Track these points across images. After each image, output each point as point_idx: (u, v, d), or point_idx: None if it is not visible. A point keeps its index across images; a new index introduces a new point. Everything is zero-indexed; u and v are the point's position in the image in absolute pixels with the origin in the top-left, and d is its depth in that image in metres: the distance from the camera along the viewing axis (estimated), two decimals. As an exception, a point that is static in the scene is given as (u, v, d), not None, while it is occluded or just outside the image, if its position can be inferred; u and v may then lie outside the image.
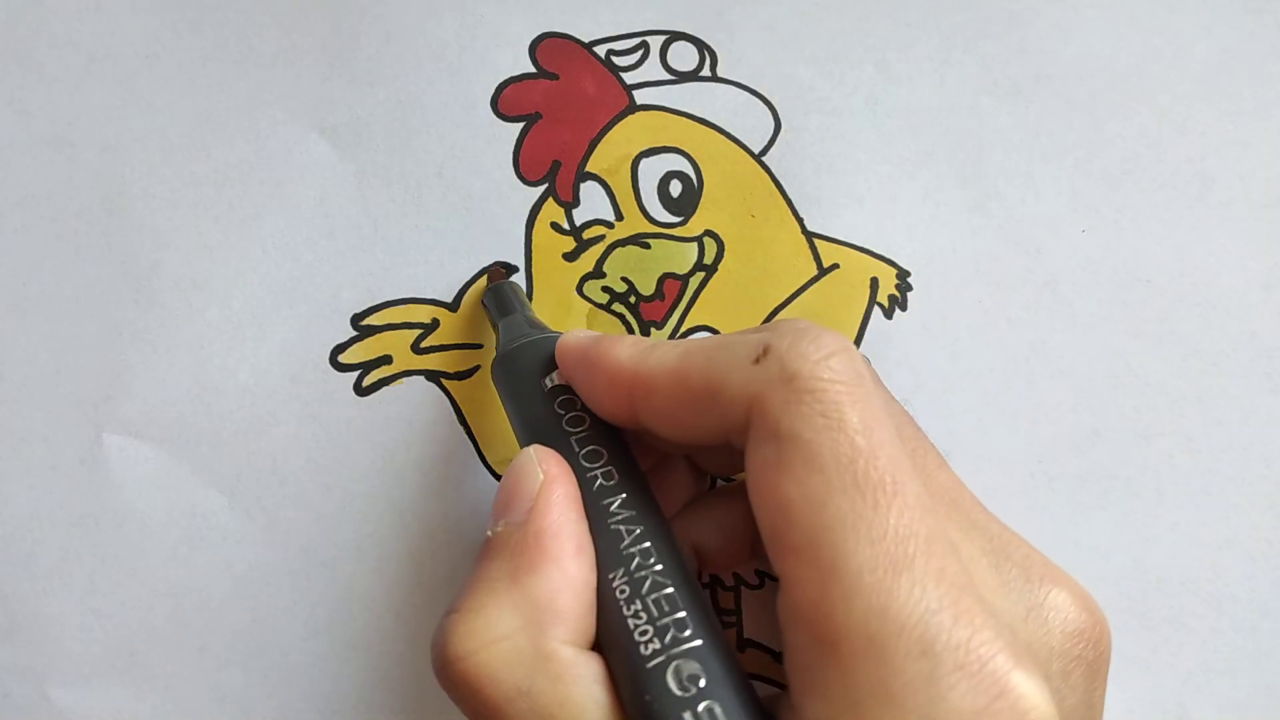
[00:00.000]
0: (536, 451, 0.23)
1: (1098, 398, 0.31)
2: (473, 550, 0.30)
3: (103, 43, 0.30)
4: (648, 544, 0.22)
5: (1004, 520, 0.31)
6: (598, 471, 0.23)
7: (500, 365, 0.26)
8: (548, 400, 0.25)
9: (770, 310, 0.31)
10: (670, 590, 0.21)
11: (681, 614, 0.20)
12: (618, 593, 0.21)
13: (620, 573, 0.21)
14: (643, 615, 0.21)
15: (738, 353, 0.21)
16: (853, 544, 0.18)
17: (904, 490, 0.19)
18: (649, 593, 0.21)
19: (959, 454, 0.31)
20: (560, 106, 0.31)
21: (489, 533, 0.22)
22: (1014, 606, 0.21)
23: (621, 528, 0.22)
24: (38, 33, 0.30)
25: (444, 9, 0.30)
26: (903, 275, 0.31)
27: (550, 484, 0.22)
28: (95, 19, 0.30)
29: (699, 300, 0.31)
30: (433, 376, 0.30)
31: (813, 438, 0.19)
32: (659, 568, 0.21)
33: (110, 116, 0.30)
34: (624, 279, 0.30)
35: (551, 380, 0.25)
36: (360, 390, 0.30)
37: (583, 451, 0.23)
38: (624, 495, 0.23)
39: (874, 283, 0.31)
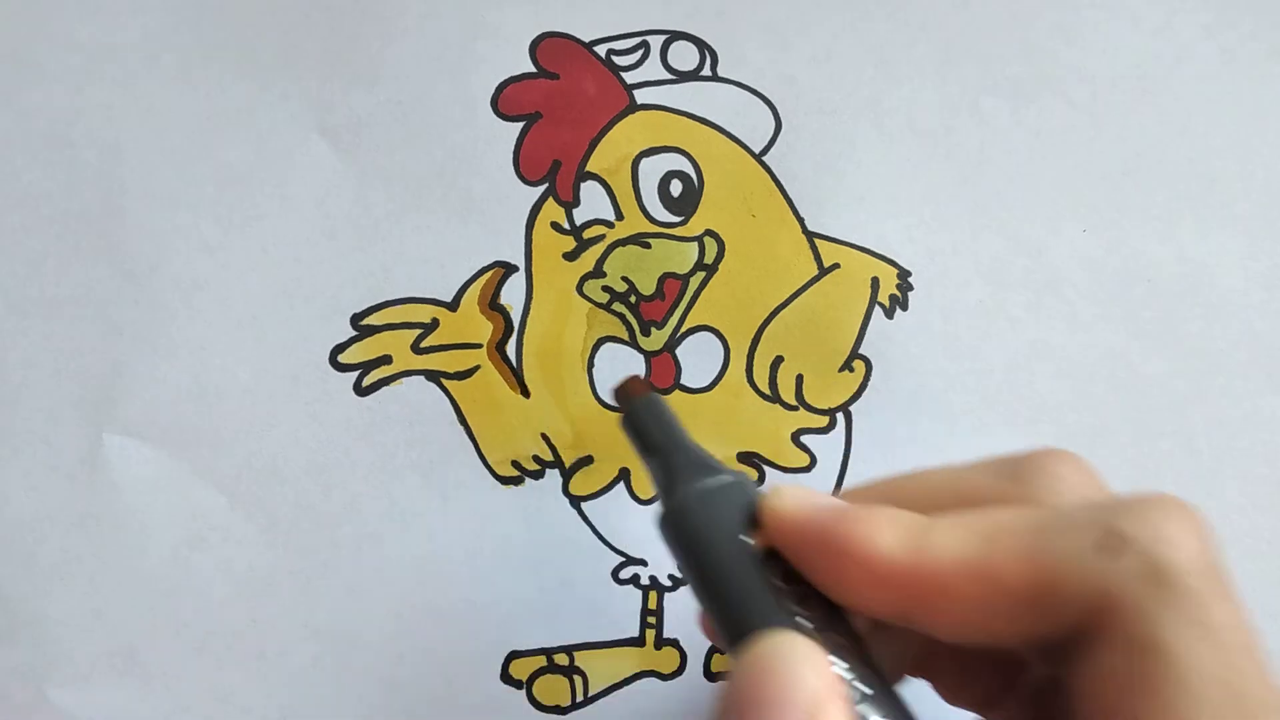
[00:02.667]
0: (804, 651, 0.18)
1: (1098, 398, 0.31)
2: (473, 550, 0.30)
3: (103, 43, 0.30)
4: None
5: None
6: (848, 676, 0.18)
7: (680, 518, 0.21)
8: (762, 571, 0.19)
9: (771, 310, 0.31)
10: None
11: None
12: None
13: None
14: None
15: (1073, 539, 0.18)
16: None
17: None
18: None
19: (959, 454, 0.30)
20: (560, 106, 0.31)
21: None
22: None
23: None
24: (38, 33, 0.30)
25: (444, 9, 0.30)
26: (904, 275, 0.31)
27: (829, 704, 0.17)
28: (95, 19, 0.30)
29: (699, 300, 0.31)
30: (433, 376, 0.30)
31: (1186, 652, 0.16)
32: None
33: (110, 116, 0.30)
34: (624, 278, 0.30)
35: (757, 539, 0.20)
36: (360, 390, 0.30)
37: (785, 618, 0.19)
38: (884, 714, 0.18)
39: (875, 282, 0.31)
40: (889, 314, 0.31)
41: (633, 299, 0.30)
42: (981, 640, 0.19)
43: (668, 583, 0.31)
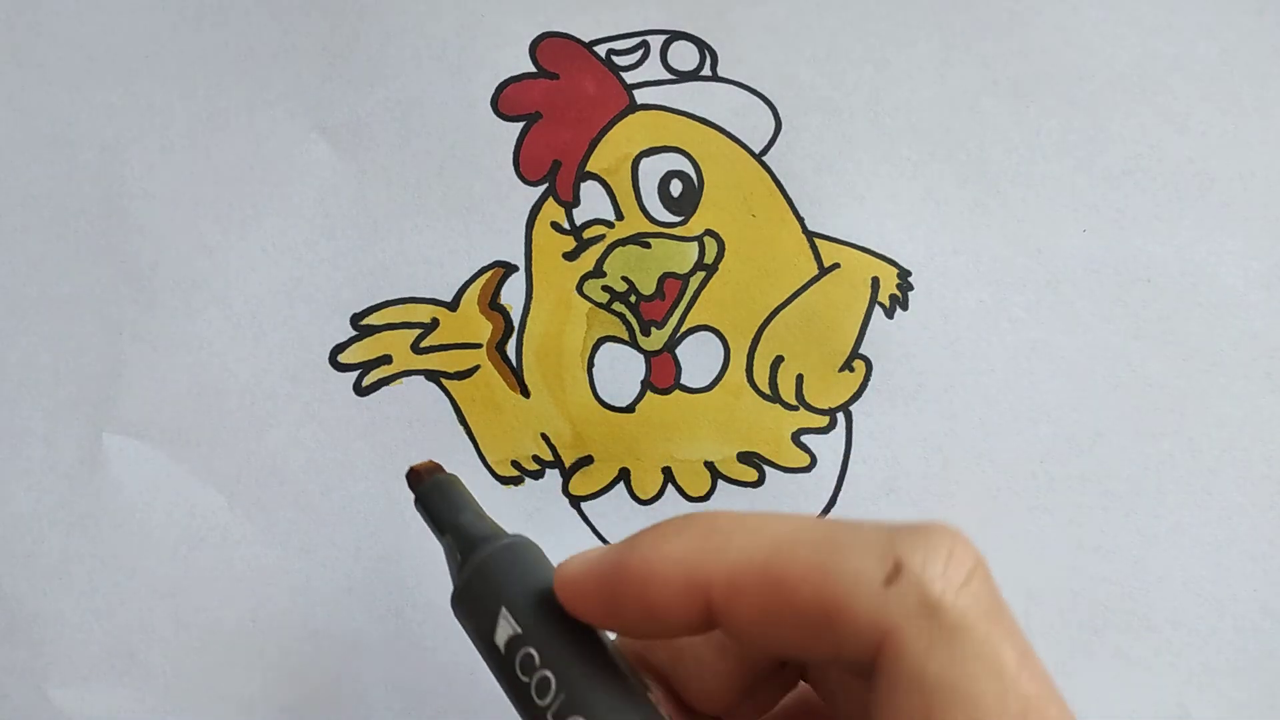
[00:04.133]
0: None
1: (1099, 398, 0.31)
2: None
3: (103, 43, 0.30)
4: None
5: (1004, 522, 0.31)
6: None
7: (456, 609, 0.22)
8: (507, 663, 0.20)
9: (771, 309, 0.31)
10: None
11: None
12: None
13: None
14: None
15: (858, 565, 0.17)
16: None
17: None
18: None
19: (960, 455, 0.31)
20: (560, 106, 0.31)
21: None
22: None
23: None
24: (38, 33, 0.30)
25: (444, 9, 0.30)
26: (904, 275, 0.31)
27: None
28: (95, 19, 0.30)
29: (699, 300, 0.31)
30: (432, 376, 0.30)
31: (968, 688, 0.17)
32: None
33: (110, 116, 0.30)
34: (624, 278, 0.30)
35: (503, 632, 0.20)
36: (360, 390, 0.30)
37: None
38: None
39: (875, 282, 0.31)
40: (889, 314, 0.31)
41: (633, 299, 0.30)
42: (778, 653, 0.19)
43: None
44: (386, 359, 0.30)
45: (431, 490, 0.23)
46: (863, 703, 0.19)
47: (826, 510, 0.30)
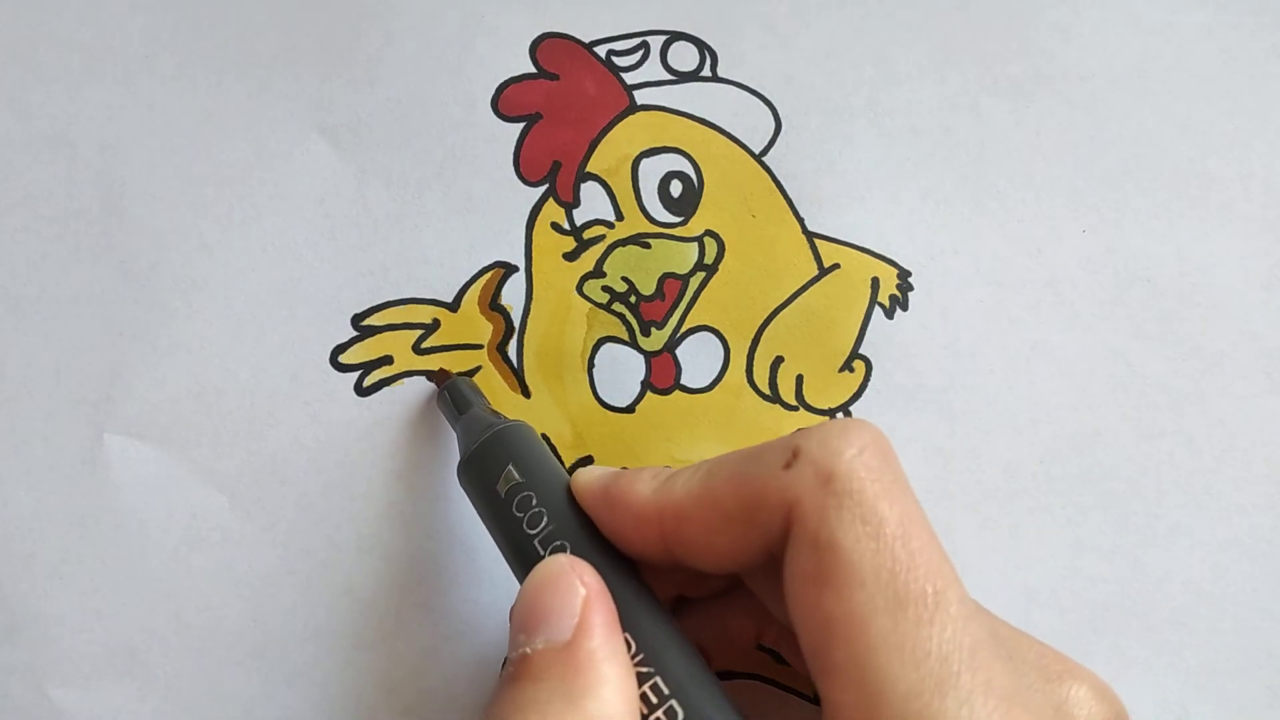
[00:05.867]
0: (572, 563, 0.22)
1: (1099, 398, 0.31)
2: (473, 550, 0.30)
3: (103, 43, 0.30)
4: (667, 655, 0.21)
5: (1004, 522, 0.31)
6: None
7: (462, 473, 0.26)
8: (504, 504, 0.24)
9: (771, 310, 0.31)
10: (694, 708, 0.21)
11: None
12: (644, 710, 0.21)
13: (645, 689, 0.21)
14: None
15: (766, 460, 0.21)
16: (897, 667, 0.18)
17: (945, 600, 0.19)
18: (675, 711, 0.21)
19: (960, 454, 0.31)
20: (561, 107, 0.31)
21: (525, 650, 0.21)
22: (1041, 709, 0.21)
23: (632, 641, 0.21)
24: (38, 33, 0.30)
25: (444, 9, 0.30)
26: (904, 275, 0.31)
27: (594, 600, 0.21)
28: (95, 19, 0.30)
29: (699, 300, 0.31)
30: (433, 377, 0.30)
31: (852, 547, 0.19)
32: (677, 681, 0.21)
33: (110, 116, 0.30)
34: (624, 279, 0.30)
35: (506, 482, 0.24)
36: (361, 391, 0.30)
37: (547, 552, 0.23)
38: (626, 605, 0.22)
39: (875, 282, 0.31)
40: (889, 314, 0.31)
41: (633, 299, 0.30)
42: (732, 564, 0.22)
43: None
44: (388, 359, 0.30)
45: (453, 385, 0.29)
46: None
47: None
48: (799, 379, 0.31)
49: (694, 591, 0.27)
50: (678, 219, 0.31)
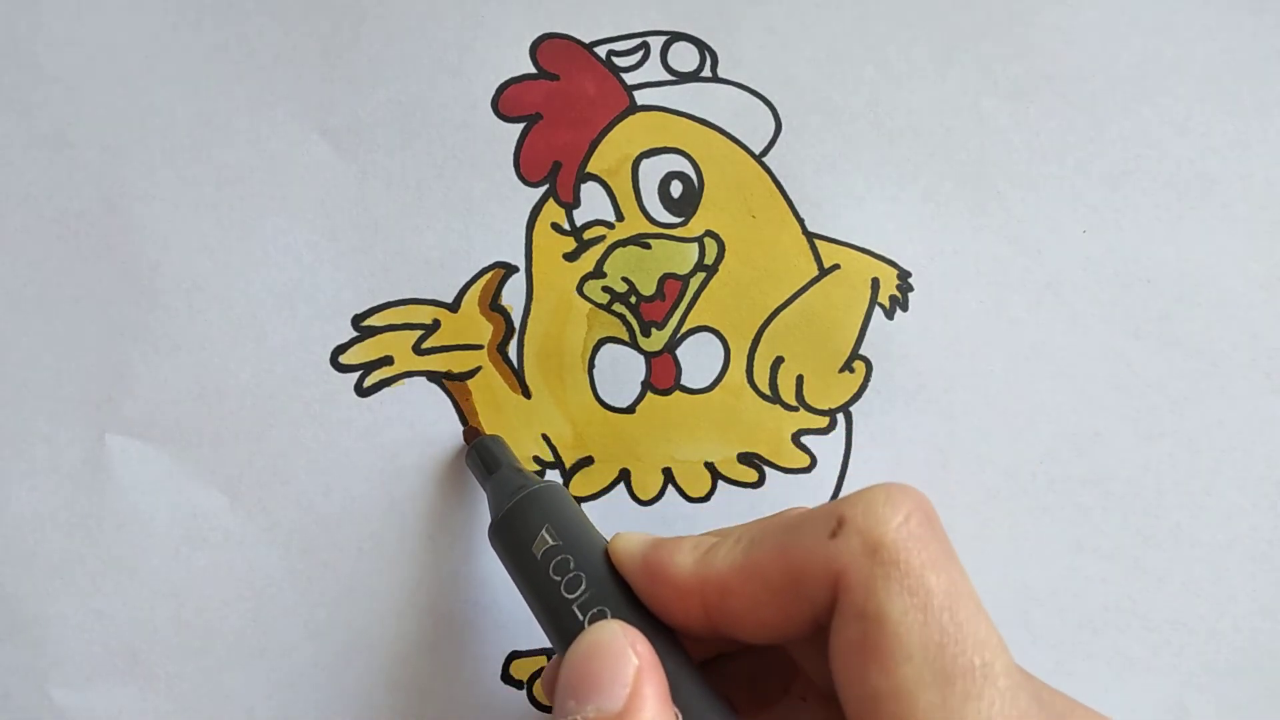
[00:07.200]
0: (624, 631, 0.21)
1: (1099, 398, 0.31)
2: (472, 550, 0.30)
3: (103, 43, 0.30)
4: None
5: (1004, 522, 0.31)
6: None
7: (495, 534, 0.26)
8: (541, 567, 0.24)
9: (771, 310, 0.31)
10: None
11: None
12: None
13: None
14: None
15: (811, 530, 0.20)
16: None
17: (993, 672, 0.18)
18: None
19: (960, 455, 0.31)
20: (561, 107, 0.31)
21: (576, 718, 0.20)
22: None
23: (678, 714, 0.21)
24: (38, 33, 0.30)
25: (444, 9, 0.30)
26: (904, 276, 0.31)
27: (647, 670, 0.21)
28: (95, 19, 0.30)
29: (700, 300, 0.31)
30: (434, 377, 0.30)
31: (900, 620, 0.19)
32: None
33: (110, 116, 0.30)
34: (624, 279, 0.30)
35: (541, 545, 0.24)
36: (361, 391, 0.30)
37: (586, 617, 0.22)
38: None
39: (875, 283, 0.31)
40: (889, 314, 0.31)
41: (633, 299, 0.30)
42: (777, 635, 0.21)
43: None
44: (388, 360, 0.30)
45: (481, 445, 0.29)
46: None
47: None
48: (799, 379, 0.31)
49: (727, 651, 0.27)
50: (678, 219, 0.31)
